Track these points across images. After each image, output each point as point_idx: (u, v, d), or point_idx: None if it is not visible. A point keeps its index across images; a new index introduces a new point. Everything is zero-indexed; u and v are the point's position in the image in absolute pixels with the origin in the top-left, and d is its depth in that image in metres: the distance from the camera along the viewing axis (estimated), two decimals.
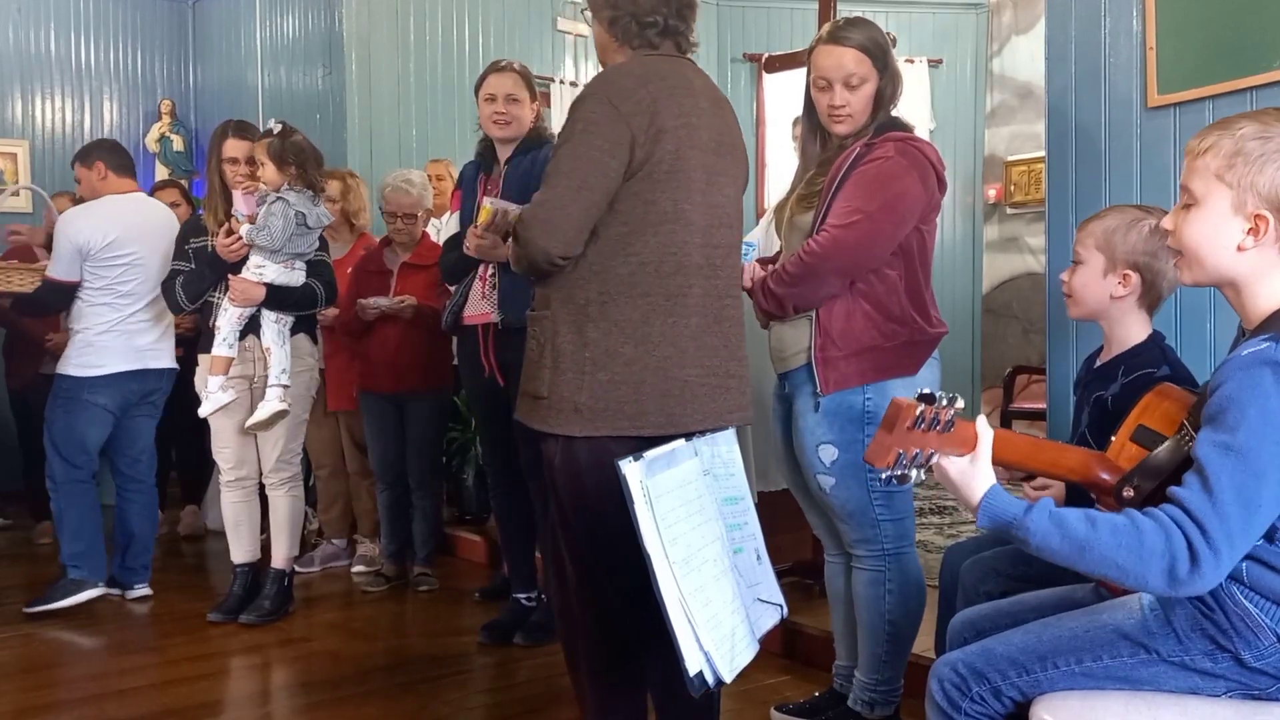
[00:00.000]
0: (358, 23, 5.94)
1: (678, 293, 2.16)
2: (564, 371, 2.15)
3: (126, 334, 4.03)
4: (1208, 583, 1.43)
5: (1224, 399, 1.46)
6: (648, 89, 2.14)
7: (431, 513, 4.31)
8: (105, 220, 4.01)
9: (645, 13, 2.22)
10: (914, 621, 2.60)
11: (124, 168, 4.19)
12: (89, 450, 4.06)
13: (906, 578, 2.56)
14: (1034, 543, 1.48)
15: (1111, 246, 2.16)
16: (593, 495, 2.15)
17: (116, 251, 3.99)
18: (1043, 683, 1.64)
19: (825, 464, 2.50)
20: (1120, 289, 2.16)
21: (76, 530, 4.01)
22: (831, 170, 2.50)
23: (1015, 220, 7.25)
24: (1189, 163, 1.59)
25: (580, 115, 2.14)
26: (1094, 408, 2.20)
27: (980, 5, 7.48)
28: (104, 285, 4.00)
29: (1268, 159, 1.50)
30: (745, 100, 7.54)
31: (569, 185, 2.10)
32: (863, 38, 2.49)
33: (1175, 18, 2.68)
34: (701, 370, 2.19)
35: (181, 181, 6.09)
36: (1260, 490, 1.41)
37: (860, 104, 2.50)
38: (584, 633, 2.24)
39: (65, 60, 7.05)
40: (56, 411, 4.04)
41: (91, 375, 3.99)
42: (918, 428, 1.49)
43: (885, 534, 2.54)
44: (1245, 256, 1.54)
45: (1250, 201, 1.52)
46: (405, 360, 4.13)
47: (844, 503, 2.52)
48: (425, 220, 4.33)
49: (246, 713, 3.12)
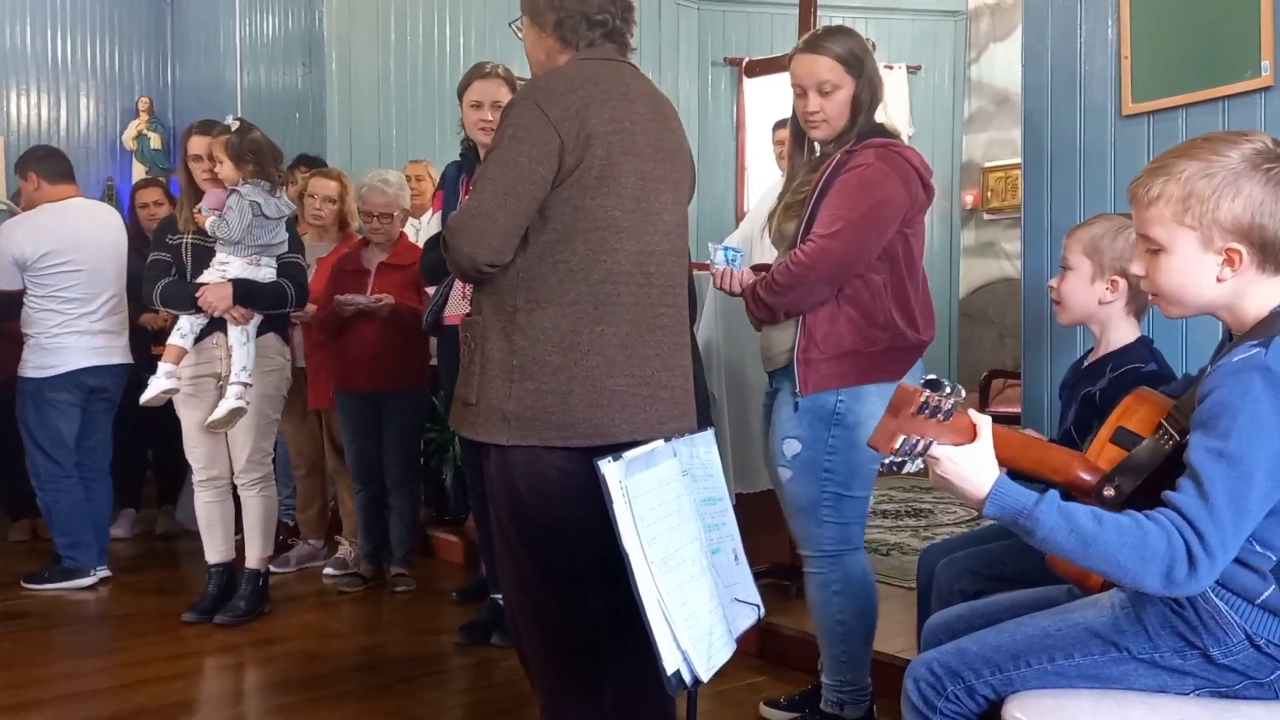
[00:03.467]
0: (338, 21, 5.93)
1: (606, 300, 2.13)
2: (492, 379, 2.13)
3: (76, 334, 4.22)
4: (1201, 586, 1.47)
5: (1216, 405, 1.48)
6: (578, 94, 2.10)
7: (409, 513, 4.30)
8: (39, 232, 4.19)
9: (595, 10, 2.19)
10: (867, 622, 2.62)
11: (58, 174, 4.31)
12: (67, 443, 4.27)
13: (851, 578, 2.59)
14: (1040, 535, 1.49)
15: (1099, 253, 2.21)
16: (530, 503, 2.13)
17: (52, 261, 4.17)
18: (1015, 681, 1.66)
19: (787, 457, 2.56)
20: (1108, 294, 2.21)
21: (67, 523, 4.25)
22: (815, 179, 2.54)
23: (992, 226, 7.30)
24: (1139, 213, 1.60)
25: (510, 121, 2.11)
26: (1081, 404, 2.23)
27: (959, 12, 7.54)
28: (46, 293, 4.19)
29: (1220, 194, 1.52)
30: (725, 104, 7.57)
31: (496, 192, 2.07)
32: (837, 46, 2.54)
33: (1150, 27, 2.71)
34: (631, 380, 2.15)
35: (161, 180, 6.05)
36: (1250, 495, 1.45)
37: (835, 109, 2.54)
38: (530, 638, 2.24)
39: (41, 56, 7.00)
40: (28, 412, 4.26)
41: (48, 376, 4.21)
42: (921, 413, 1.51)
43: (828, 535, 2.57)
44: (1225, 285, 1.57)
45: (1217, 237, 1.54)
46: (382, 359, 4.11)
47: (795, 497, 2.58)
48: (403, 220, 4.33)
49: (220, 713, 3.11)
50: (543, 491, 2.12)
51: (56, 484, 4.24)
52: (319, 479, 4.58)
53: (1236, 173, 1.52)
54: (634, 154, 2.15)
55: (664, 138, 2.24)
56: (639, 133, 2.17)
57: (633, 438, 2.05)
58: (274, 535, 3.97)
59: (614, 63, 2.22)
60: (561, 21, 2.20)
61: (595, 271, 2.12)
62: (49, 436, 4.22)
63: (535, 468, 2.10)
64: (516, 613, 2.27)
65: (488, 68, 3.53)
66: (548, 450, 2.10)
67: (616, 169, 2.12)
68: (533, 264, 2.12)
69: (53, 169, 4.30)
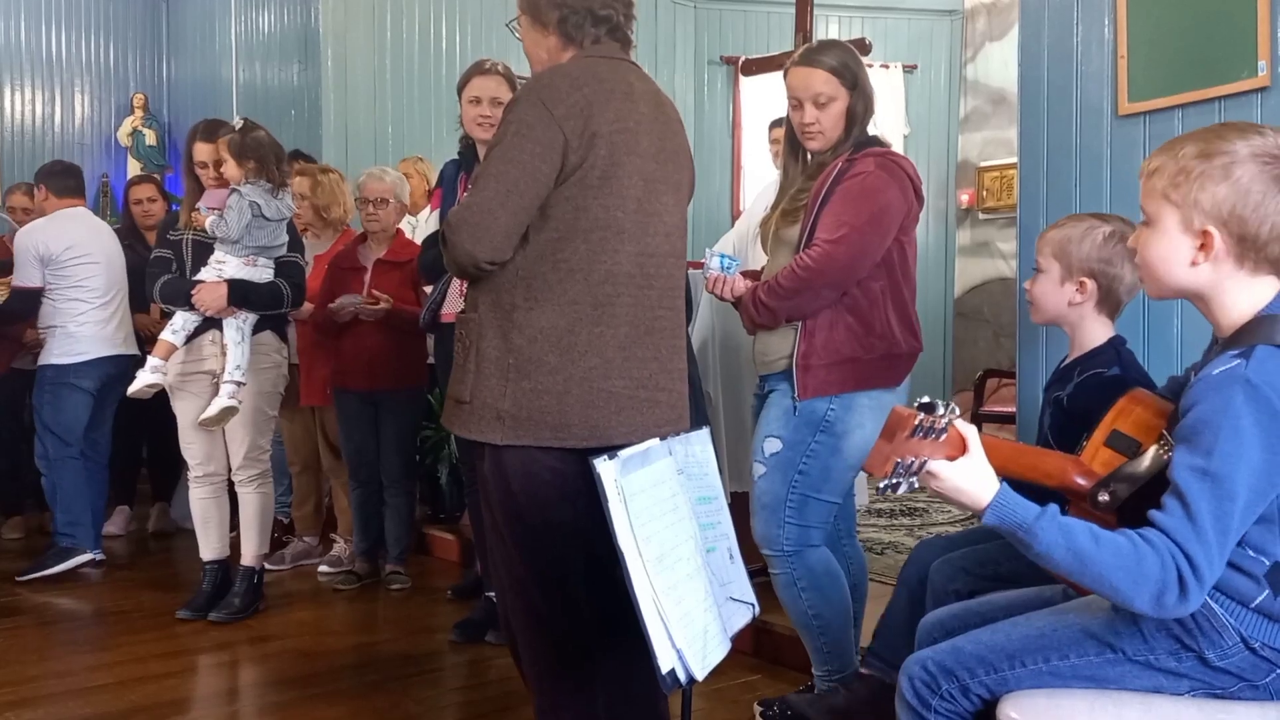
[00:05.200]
0: (334, 18, 5.92)
1: (606, 301, 2.11)
2: (487, 377, 2.11)
3: (98, 323, 4.49)
4: (1190, 608, 1.47)
5: (1198, 421, 1.48)
6: (583, 92, 2.08)
7: (404, 511, 4.30)
8: (60, 229, 4.50)
9: (600, 6, 2.17)
10: (840, 610, 2.65)
11: (66, 190, 4.63)
12: (78, 429, 4.49)
13: (814, 571, 2.62)
14: (1038, 549, 1.49)
15: (1067, 255, 2.22)
16: (524, 503, 2.12)
17: (75, 254, 4.46)
18: (1010, 681, 1.66)
19: (765, 454, 2.60)
20: (1078, 296, 2.22)
21: (69, 502, 4.47)
22: (815, 186, 2.58)
23: (987, 225, 7.31)
24: (1143, 184, 1.62)
25: (513, 118, 2.09)
26: (1053, 408, 2.25)
27: (955, 12, 7.54)
28: (71, 284, 4.46)
29: (1208, 177, 1.53)
30: (722, 103, 7.57)
31: (498, 189, 2.05)
32: (832, 59, 2.59)
33: (1147, 28, 2.71)
34: (629, 382, 2.13)
35: (156, 176, 6.04)
36: (1234, 512, 1.45)
37: (830, 121, 2.60)
38: (524, 638, 2.23)
39: (36, 52, 6.98)
40: (44, 398, 4.49)
41: (75, 362, 4.44)
42: (915, 436, 1.50)
43: (787, 535, 2.60)
44: (1199, 271, 1.57)
45: (1196, 219, 1.55)
46: (380, 359, 4.11)
47: (763, 494, 2.61)
48: (400, 213, 4.33)
49: (215, 711, 3.10)
50: (536, 492, 2.11)
51: (64, 464, 4.48)
52: (314, 476, 4.58)
53: (1234, 161, 1.52)
54: (637, 154, 2.13)
55: (666, 139, 2.22)
56: (642, 133, 2.15)
57: (628, 440, 2.02)
58: (270, 532, 3.97)
59: (617, 61, 2.20)
60: (565, 19, 2.18)
61: (595, 272, 2.10)
62: (61, 421, 4.45)
63: (529, 468, 2.09)
64: (510, 611, 2.27)
65: (488, 65, 3.53)
66: (542, 450, 2.09)
67: (620, 169, 2.10)
68: (532, 262, 2.10)
69: (62, 185, 4.62)
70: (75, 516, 4.44)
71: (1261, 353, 1.48)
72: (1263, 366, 1.47)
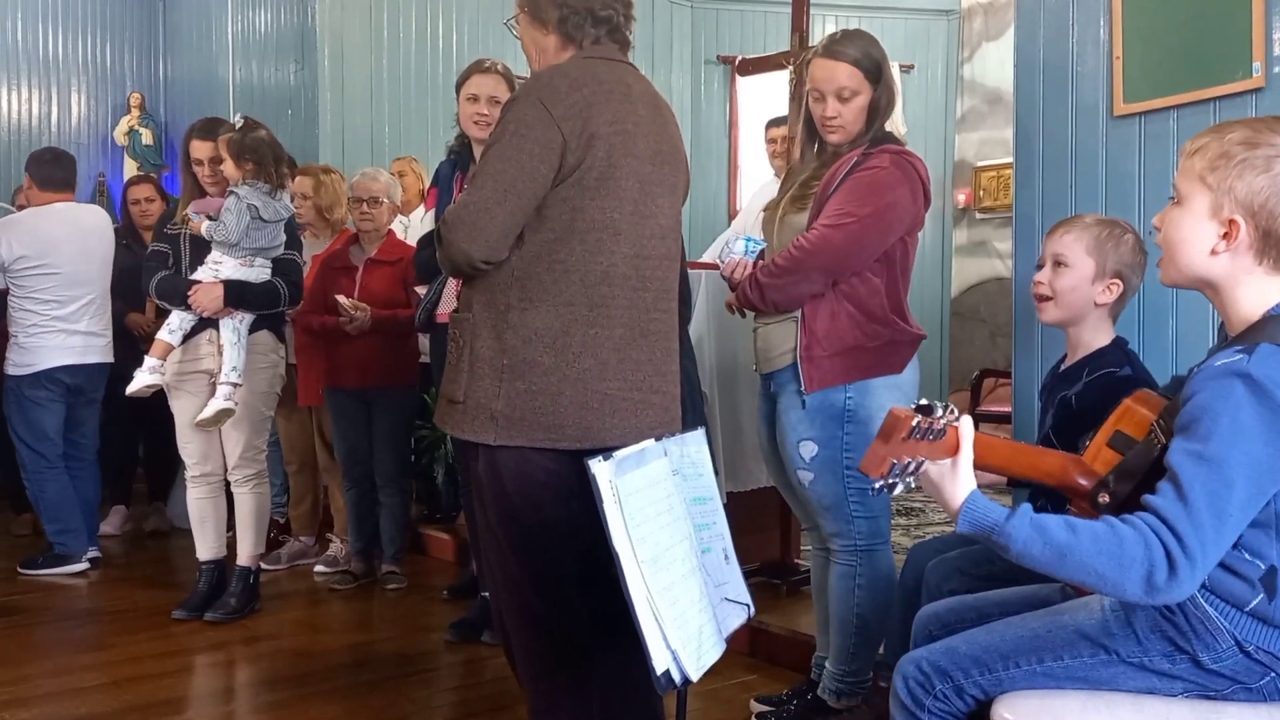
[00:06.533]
0: (330, 18, 5.91)
1: (601, 303, 2.10)
2: (481, 377, 2.10)
3: (52, 333, 4.38)
4: (1184, 591, 1.44)
5: (1197, 409, 1.48)
6: (582, 92, 2.07)
7: (399, 510, 4.30)
8: (16, 235, 4.36)
9: (600, 6, 2.17)
10: (882, 617, 2.63)
11: (51, 181, 4.46)
12: (51, 436, 4.45)
13: (876, 573, 2.61)
14: (1014, 549, 1.47)
15: (1104, 254, 2.21)
16: (518, 503, 2.12)
17: (26, 265, 4.33)
18: (1004, 681, 1.66)
19: (805, 460, 2.57)
20: (1105, 295, 2.22)
21: (54, 511, 4.44)
22: (827, 175, 2.56)
23: (984, 225, 7.32)
24: (1181, 162, 1.60)
25: (512, 117, 2.08)
26: (1059, 408, 2.24)
27: (952, 11, 7.54)
28: (24, 294, 4.37)
29: (1248, 165, 1.52)
30: (719, 103, 7.57)
31: (496, 189, 2.05)
32: (856, 52, 2.55)
33: (1142, 28, 2.71)
34: (624, 384, 2.13)
35: (153, 176, 6.03)
36: (1231, 499, 1.43)
37: (851, 115, 2.56)
38: (518, 637, 2.23)
39: (32, 51, 6.97)
40: (11, 408, 4.46)
41: (26, 374, 4.39)
42: (912, 437, 1.49)
43: (859, 530, 2.59)
44: (1218, 260, 1.56)
45: (1227, 206, 1.53)
46: (372, 357, 4.11)
47: (820, 497, 2.59)
48: (392, 214, 4.33)
49: (210, 710, 3.10)
50: (530, 492, 2.11)
51: (41, 474, 4.44)
52: (311, 476, 4.57)
53: (1278, 155, 1.51)
54: (634, 156, 2.13)
55: (663, 141, 2.22)
56: (640, 135, 2.14)
57: (622, 442, 2.01)
58: (265, 532, 3.97)
59: (616, 63, 2.20)
60: (565, 19, 2.17)
61: (590, 273, 2.10)
62: (31, 431, 4.41)
63: (523, 468, 2.09)
64: (504, 611, 2.27)
65: (487, 63, 3.53)
66: (536, 451, 2.09)
67: (617, 171, 2.10)
68: (527, 263, 2.10)
69: (46, 175, 4.46)
70: (64, 524, 4.42)
71: (1265, 349, 1.48)
72: (1266, 362, 1.46)
